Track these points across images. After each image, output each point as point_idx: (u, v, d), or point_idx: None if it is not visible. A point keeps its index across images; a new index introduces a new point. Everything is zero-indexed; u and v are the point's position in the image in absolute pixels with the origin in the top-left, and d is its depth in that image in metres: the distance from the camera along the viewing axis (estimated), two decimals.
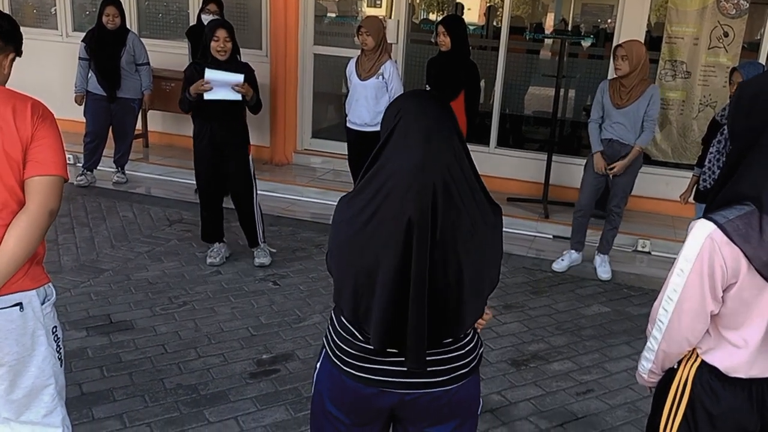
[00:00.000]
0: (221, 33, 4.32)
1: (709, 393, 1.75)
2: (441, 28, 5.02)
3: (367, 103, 5.05)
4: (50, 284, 2.19)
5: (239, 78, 4.30)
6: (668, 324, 1.73)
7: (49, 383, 2.18)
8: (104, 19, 5.87)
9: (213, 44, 4.32)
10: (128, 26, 6.31)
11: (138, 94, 6.16)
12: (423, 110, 1.70)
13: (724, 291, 1.65)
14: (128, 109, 6.16)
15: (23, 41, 2.20)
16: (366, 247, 1.66)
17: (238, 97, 4.34)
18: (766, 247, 1.57)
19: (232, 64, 4.38)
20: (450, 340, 1.78)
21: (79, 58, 6.06)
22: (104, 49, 5.92)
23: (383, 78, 5.04)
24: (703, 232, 1.63)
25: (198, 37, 5.89)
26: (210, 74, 4.24)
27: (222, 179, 4.63)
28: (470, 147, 1.81)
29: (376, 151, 1.71)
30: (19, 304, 2.06)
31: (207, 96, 4.29)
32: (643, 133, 4.61)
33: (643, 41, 5.89)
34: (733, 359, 1.71)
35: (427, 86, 5.27)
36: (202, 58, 4.42)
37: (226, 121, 4.47)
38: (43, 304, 2.13)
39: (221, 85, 4.29)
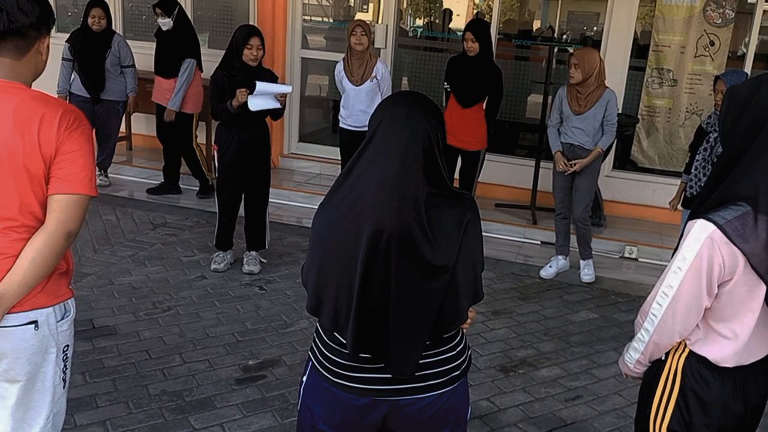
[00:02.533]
0: (255, 41, 4.34)
1: (699, 381, 1.80)
2: (469, 35, 5.02)
3: (365, 107, 5.05)
4: (72, 299, 2.05)
5: (288, 89, 4.35)
6: (662, 317, 1.78)
7: (46, 406, 2.04)
8: (90, 20, 5.80)
9: (246, 51, 4.32)
10: (113, 28, 6.24)
11: (122, 97, 6.09)
12: (403, 119, 1.69)
13: (718, 287, 1.71)
14: (112, 111, 6.09)
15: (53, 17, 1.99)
16: (345, 256, 1.67)
17: (279, 105, 4.35)
18: (762, 246, 1.63)
19: (260, 70, 4.41)
20: (446, 336, 1.77)
21: (63, 59, 5.98)
22: (89, 50, 5.86)
23: (377, 80, 5.06)
24: (703, 232, 1.67)
25: (159, 39, 5.87)
26: (261, 86, 4.22)
27: (244, 185, 4.59)
28: None
29: (355, 156, 1.72)
30: (35, 323, 1.92)
31: (253, 108, 4.25)
32: (604, 136, 4.67)
33: (629, 49, 5.96)
34: (723, 351, 1.77)
35: (445, 84, 5.27)
36: (227, 64, 4.40)
37: (254, 128, 4.47)
38: (60, 320, 1.99)
39: (264, 95, 4.28)
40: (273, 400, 3.27)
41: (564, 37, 7.06)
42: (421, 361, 1.74)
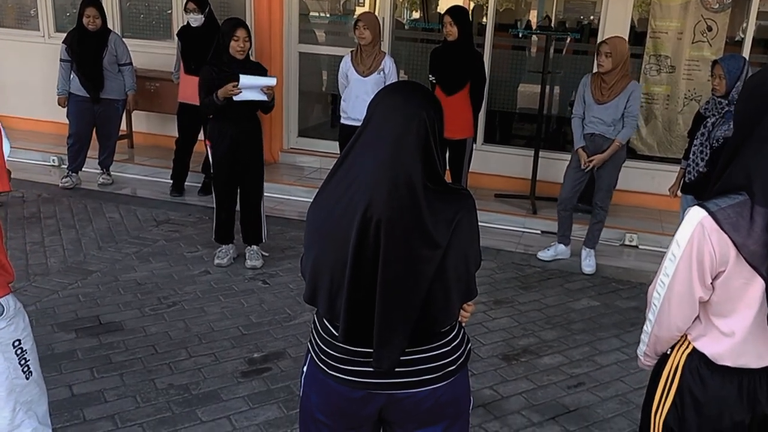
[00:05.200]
0: (241, 33, 4.33)
1: (697, 380, 1.77)
2: (448, 18, 5.04)
3: (369, 98, 5.01)
4: (7, 297, 2.07)
5: (272, 81, 4.33)
6: (660, 307, 1.77)
7: (8, 398, 2.09)
8: (85, 20, 5.76)
9: (233, 44, 4.31)
10: (110, 27, 6.23)
11: (122, 95, 6.08)
12: (400, 107, 1.67)
13: (713, 279, 1.68)
14: (112, 110, 6.08)
15: None
16: (339, 242, 1.65)
17: (265, 98, 4.35)
18: (755, 237, 1.59)
19: (248, 63, 4.42)
20: (442, 331, 1.77)
21: (61, 60, 5.96)
22: (86, 50, 5.84)
23: (384, 73, 5.06)
24: (694, 218, 1.66)
25: (187, 37, 5.85)
26: (245, 79, 4.24)
27: (238, 179, 4.61)
28: None
29: (351, 142, 1.70)
30: None
31: (237, 98, 4.27)
32: (624, 129, 4.66)
33: (627, 36, 5.95)
34: (721, 347, 1.73)
35: (430, 76, 5.28)
36: (216, 59, 4.40)
37: (245, 122, 4.48)
38: None
39: (251, 88, 4.29)
40: (278, 391, 3.31)
41: (565, 24, 7.06)
42: (414, 356, 1.73)
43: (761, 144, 1.62)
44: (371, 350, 1.69)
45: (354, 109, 5.16)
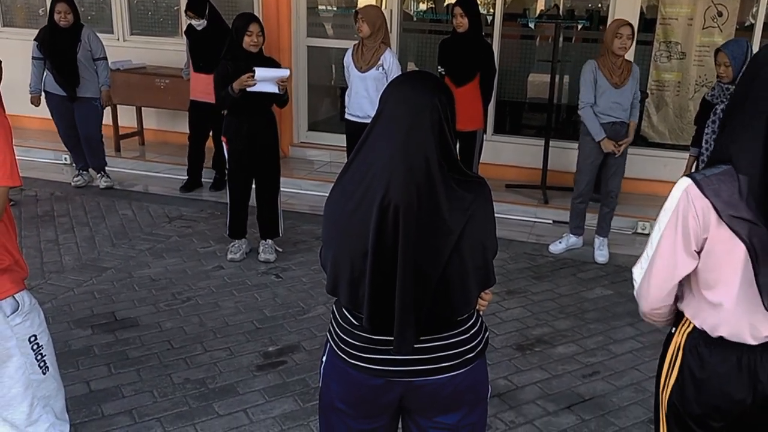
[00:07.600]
0: (254, 27, 4.36)
1: (696, 358, 1.80)
2: (458, 10, 5.01)
3: (368, 95, 4.98)
4: (22, 293, 2.09)
5: (286, 73, 4.38)
6: (642, 278, 1.84)
7: (25, 393, 2.11)
8: (56, 16, 5.61)
9: (246, 38, 4.34)
10: (116, 26, 6.17)
11: (98, 93, 5.90)
12: (411, 95, 1.68)
13: (699, 249, 1.71)
14: (90, 109, 5.89)
15: None
16: (357, 233, 1.66)
17: (277, 90, 4.38)
18: (734, 202, 1.64)
19: (261, 58, 4.45)
20: (460, 319, 1.78)
21: (33, 58, 5.81)
22: (59, 47, 5.68)
23: (383, 69, 4.98)
24: (680, 187, 1.72)
25: (193, 37, 5.85)
26: (260, 72, 4.26)
27: (254, 174, 4.63)
28: None
29: (364, 134, 1.72)
30: None
31: (251, 89, 4.28)
32: (634, 110, 4.69)
33: (636, 23, 5.91)
34: (713, 319, 1.76)
35: (439, 67, 5.25)
36: (230, 54, 4.40)
37: (260, 116, 4.51)
38: (11, 315, 2.03)
39: (265, 80, 4.32)
40: (294, 384, 3.33)
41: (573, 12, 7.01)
42: (433, 344, 1.75)
43: (746, 117, 1.66)
44: (390, 338, 1.70)
45: (353, 105, 5.13)
